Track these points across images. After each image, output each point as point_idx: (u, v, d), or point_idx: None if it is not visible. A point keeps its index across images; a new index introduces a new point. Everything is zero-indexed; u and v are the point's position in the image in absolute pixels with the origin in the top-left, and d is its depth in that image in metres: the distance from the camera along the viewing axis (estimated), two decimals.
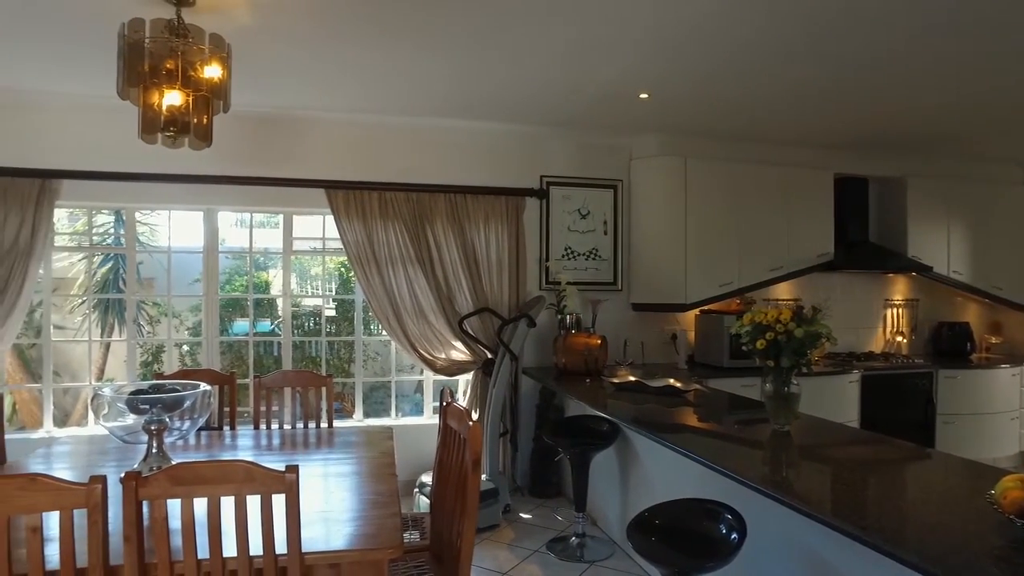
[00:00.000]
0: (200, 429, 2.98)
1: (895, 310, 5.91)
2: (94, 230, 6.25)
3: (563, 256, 5.00)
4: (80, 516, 1.55)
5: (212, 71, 2.61)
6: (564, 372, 4.45)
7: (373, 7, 2.82)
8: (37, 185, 4.08)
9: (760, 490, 2.10)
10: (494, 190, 4.73)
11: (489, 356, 4.65)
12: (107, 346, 6.90)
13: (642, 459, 3.54)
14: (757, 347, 2.71)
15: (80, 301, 6.64)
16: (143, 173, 4.20)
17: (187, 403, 2.36)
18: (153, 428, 2.35)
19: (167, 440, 2.41)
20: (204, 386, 2.45)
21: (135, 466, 2.40)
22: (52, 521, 1.56)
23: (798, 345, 2.65)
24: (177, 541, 1.62)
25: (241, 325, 6.87)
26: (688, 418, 3.37)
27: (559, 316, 4.69)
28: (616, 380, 4.08)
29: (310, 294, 7.40)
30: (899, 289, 5.94)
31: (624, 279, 5.14)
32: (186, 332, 6.84)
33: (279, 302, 5.03)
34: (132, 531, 1.56)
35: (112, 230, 6.42)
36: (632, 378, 4.09)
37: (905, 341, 5.83)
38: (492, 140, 4.81)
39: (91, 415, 4.52)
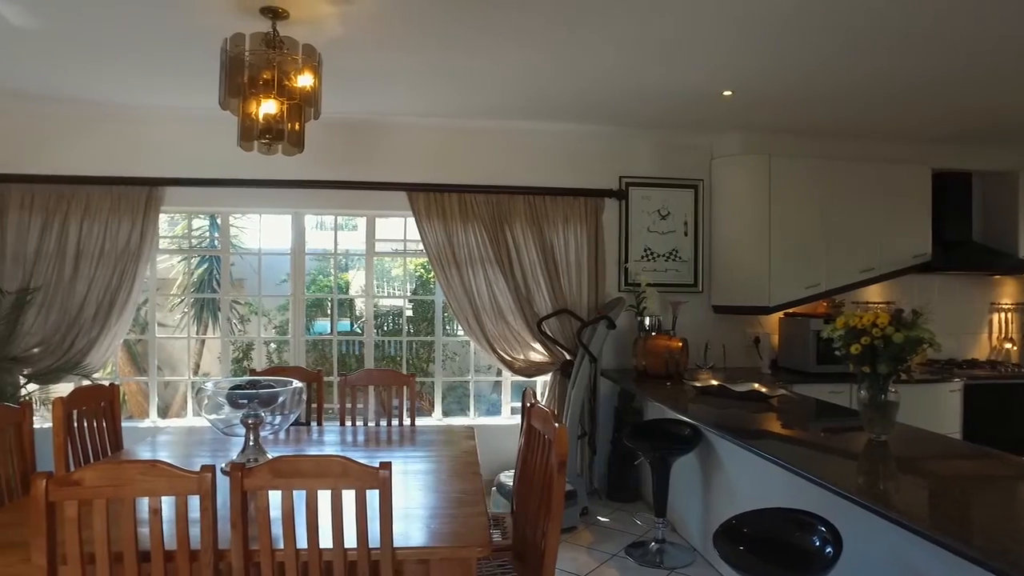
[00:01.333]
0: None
1: (1003, 315, 5.51)
2: (188, 233, 6.63)
3: (642, 257, 4.93)
4: (192, 501, 1.65)
5: (305, 80, 2.71)
6: (644, 375, 4.39)
7: (462, 11, 2.86)
8: (145, 192, 4.37)
9: (859, 502, 2.00)
10: (573, 191, 4.72)
11: (567, 358, 4.64)
12: (202, 342, 7.31)
13: (725, 465, 3.45)
14: (851, 352, 2.59)
15: (179, 300, 7.08)
16: (237, 179, 4.43)
17: (281, 399, 2.47)
18: (250, 422, 2.47)
19: (261, 434, 2.53)
20: (296, 383, 2.56)
21: (234, 457, 2.53)
22: (168, 504, 1.67)
23: (897, 351, 2.52)
24: (277, 530, 1.70)
25: (321, 324, 7.14)
26: (775, 424, 3.26)
27: (638, 318, 4.63)
28: (698, 384, 3.99)
29: (388, 294, 7.61)
30: (1007, 292, 5.54)
31: (705, 281, 5.03)
32: (273, 330, 7.15)
33: (357, 302, 5.18)
34: (238, 518, 1.65)
35: (207, 233, 6.80)
36: (715, 382, 3.99)
37: (1015, 348, 5.43)
38: (571, 141, 4.80)
39: (190, 406, 4.81)
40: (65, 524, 1.62)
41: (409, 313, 7.42)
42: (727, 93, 3.95)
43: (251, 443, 2.48)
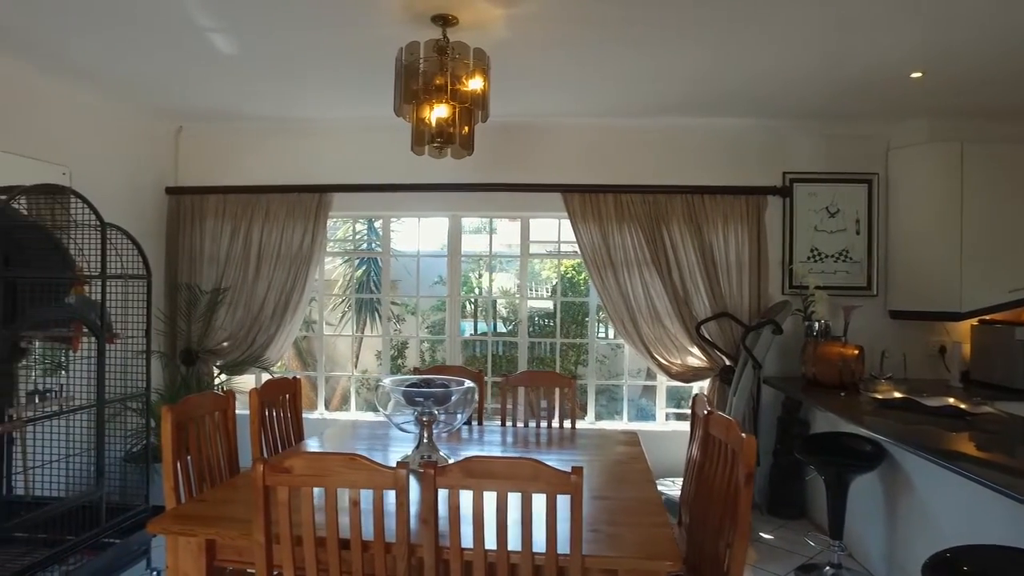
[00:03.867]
0: None
1: None
2: (352, 237, 7.06)
3: (808, 258, 4.59)
4: (388, 495, 1.70)
5: (475, 83, 2.76)
6: (813, 383, 4.08)
7: (629, 8, 2.79)
8: (316, 199, 4.68)
9: None
10: (733, 189, 4.49)
11: (727, 363, 4.42)
12: (360, 340, 7.76)
13: (918, 488, 3.10)
14: None
15: (340, 300, 7.56)
16: (397, 184, 4.63)
17: (455, 397, 2.52)
18: (424, 419, 2.54)
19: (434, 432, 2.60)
20: (468, 383, 2.60)
21: (408, 453, 2.61)
22: (364, 497, 1.73)
23: None
24: (466, 529, 1.71)
25: (463, 325, 7.30)
26: (983, 446, 2.88)
27: (805, 323, 4.31)
28: (879, 395, 3.64)
29: (536, 296, 7.66)
30: None
31: (880, 283, 4.59)
32: (426, 330, 7.43)
33: (497, 304, 5.22)
34: (430, 515, 1.68)
35: (365, 237, 7.20)
36: (898, 394, 3.62)
37: None
38: (731, 137, 4.58)
39: (353, 401, 5.09)
40: (277, 506, 1.73)
41: (537, 311, 7.38)
42: (916, 75, 3.57)
43: (424, 440, 2.54)
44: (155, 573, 3.30)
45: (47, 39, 3.26)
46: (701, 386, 4.72)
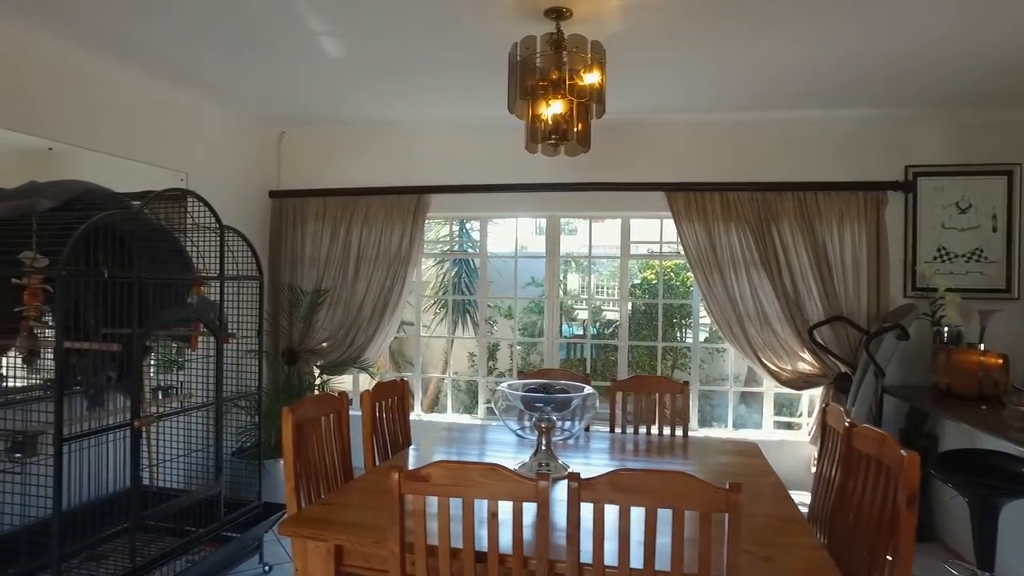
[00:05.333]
0: None
1: None
2: (444, 238, 7.09)
3: (936, 258, 4.24)
4: (527, 507, 1.62)
5: (592, 78, 2.66)
6: (946, 394, 3.75)
7: None
8: (414, 200, 4.69)
9: None
10: (849, 185, 4.20)
11: (842, 370, 4.14)
12: (451, 341, 7.80)
13: None
14: None
15: (432, 302, 7.63)
16: (496, 184, 4.58)
17: (575, 403, 2.42)
18: (543, 426, 2.45)
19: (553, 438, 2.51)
20: (588, 388, 2.50)
21: (526, 460, 2.53)
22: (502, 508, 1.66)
23: None
24: (610, 546, 1.61)
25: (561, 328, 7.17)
26: None
27: (934, 328, 3.99)
28: None
29: (636, 296, 7.47)
30: None
31: (1022, 286, 4.19)
32: (517, 332, 7.37)
33: (580, 307, 5.09)
34: (574, 531, 1.58)
35: (458, 238, 7.22)
36: None
37: None
38: (846, 129, 4.29)
39: (449, 402, 5.08)
40: (412, 516, 1.68)
41: (616, 316, 7.17)
42: None
43: (543, 447, 2.46)
44: (267, 568, 3.36)
45: (172, 52, 3.39)
46: (812, 394, 4.46)
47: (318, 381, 4.74)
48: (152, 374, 3.26)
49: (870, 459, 2.07)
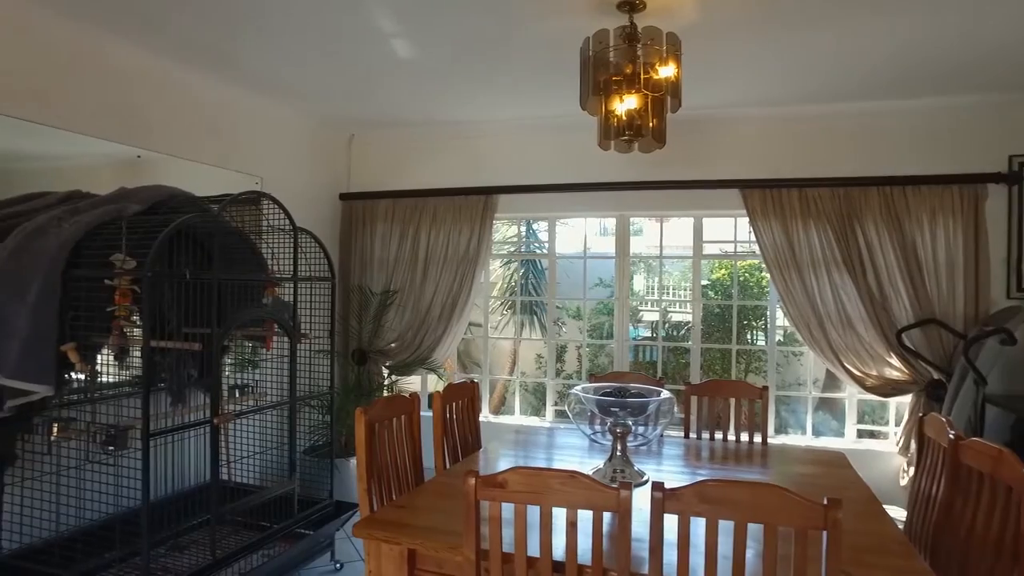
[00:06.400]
0: None
1: None
2: (511, 239, 7.07)
3: None
4: (606, 517, 1.55)
5: (667, 71, 2.56)
6: None
7: None
8: (482, 201, 4.68)
9: None
10: (942, 178, 3.93)
11: (935, 376, 3.88)
12: (518, 343, 7.78)
13: None
14: None
15: (499, 303, 7.62)
16: (565, 184, 4.52)
17: (652, 408, 2.34)
18: (618, 431, 2.37)
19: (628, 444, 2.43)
20: (665, 393, 2.41)
21: (599, 466, 2.46)
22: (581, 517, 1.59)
23: None
24: (696, 560, 1.52)
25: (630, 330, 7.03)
26: None
27: None
28: None
29: (709, 298, 7.27)
30: None
31: None
32: (585, 334, 7.29)
33: (646, 309, 4.95)
34: (657, 543, 1.51)
35: (524, 239, 7.19)
36: None
37: None
38: (937, 118, 4.02)
39: (517, 404, 5.05)
40: (488, 522, 1.64)
41: (688, 318, 6.94)
42: None
43: (618, 453, 2.39)
44: (339, 565, 3.40)
45: (252, 62, 3.50)
46: (899, 401, 4.20)
47: (387, 381, 4.78)
48: (229, 373, 3.35)
49: (983, 476, 1.91)
